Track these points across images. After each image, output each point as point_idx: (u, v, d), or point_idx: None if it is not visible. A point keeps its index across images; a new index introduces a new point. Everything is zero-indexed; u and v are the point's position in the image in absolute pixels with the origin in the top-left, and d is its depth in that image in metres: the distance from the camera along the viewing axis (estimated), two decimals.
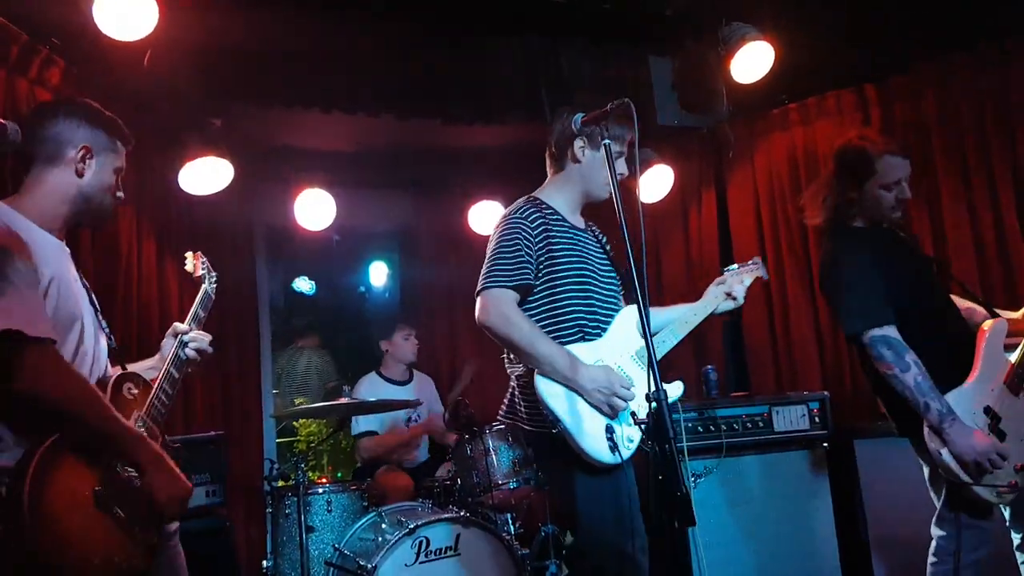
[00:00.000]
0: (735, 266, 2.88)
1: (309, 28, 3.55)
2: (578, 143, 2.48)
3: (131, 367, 2.07)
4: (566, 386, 2.26)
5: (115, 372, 1.98)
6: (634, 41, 3.99)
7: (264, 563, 3.49)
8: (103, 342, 2.00)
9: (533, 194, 2.53)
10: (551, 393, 2.26)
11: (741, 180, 4.60)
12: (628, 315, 2.51)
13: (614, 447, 2.25)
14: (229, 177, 3.95)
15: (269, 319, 5.02)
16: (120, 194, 2.06)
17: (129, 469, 1.79)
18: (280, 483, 3.70)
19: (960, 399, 2.44)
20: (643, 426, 3.33)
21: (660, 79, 3.94)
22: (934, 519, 2.59)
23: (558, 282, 2.40)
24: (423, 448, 4.62)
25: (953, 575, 2.46)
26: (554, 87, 3.93)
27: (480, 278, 2.37)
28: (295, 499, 3.40)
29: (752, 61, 3.83)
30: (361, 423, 4.41)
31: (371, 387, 4.53)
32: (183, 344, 2.12)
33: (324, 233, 4.77)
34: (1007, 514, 2.57)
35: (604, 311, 2.46)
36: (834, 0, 3.72)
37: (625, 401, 2.30)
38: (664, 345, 2.61)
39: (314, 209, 4.50)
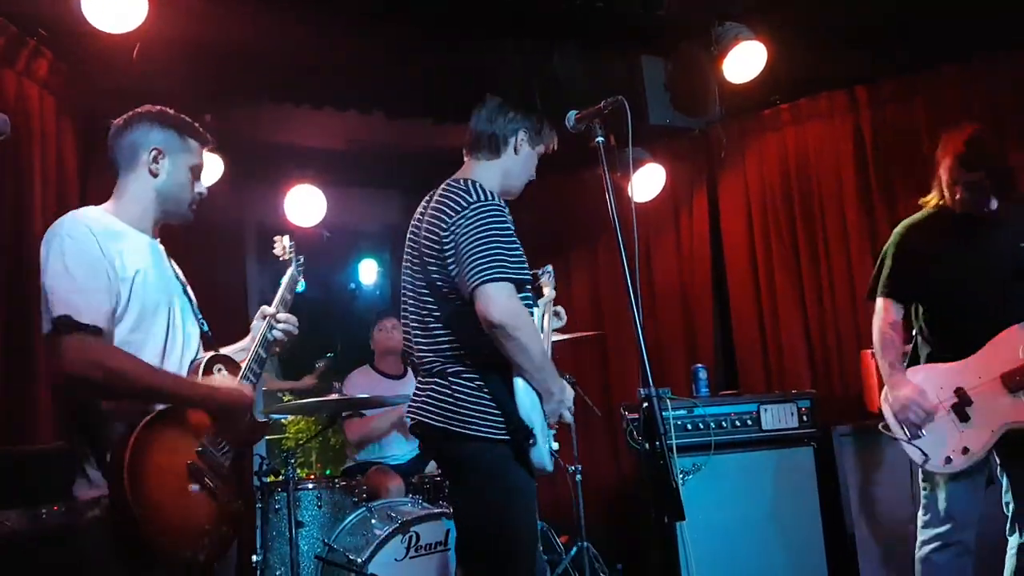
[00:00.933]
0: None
1: (300, 24, 3.54)
2: (521, 135, 2.39)
3: (223, 350, 2.18)
4: (539, 393, 2.19)
5: (206, 355, 2.11)
6: (627, 41, 4.00)
7: (253, 558, 3.48)
8: (195, 329, 2.12)
9: (478, 182, 2.28)
10: (529, 399, 2.18)
11: (732, 180, 4.63)
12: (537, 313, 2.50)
13: (553, 455, 2.26)
14: (219, 173, 3.94)
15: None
16: (200, 190, 2.13)
17: (220, 443, 1.94)
18: (270, 478, 3.69)
19: (935, 371, 2.63)
20: (635, 422, 3.37)
21: (652, 79, 3.95)
22: (919, 515, 2.70)
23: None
24: (412, 444, 4.61)
25: (920, 546, 2.63)
26: (546, 87, 3.94)
27: (474, 268, 2.11)
28: (285, 494, 3.40)
29: (745, 61, 3.85)
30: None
31: (363, 381, 4.50)
32: (271, 326, 2.22)
33: (314, 230, 4.76)
34: (1005, 490, 2.65)
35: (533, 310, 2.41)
36: (828, 2, 3.75)
37: (568, 418, 2.30)
38: None
39: (305, 205, 4.49)
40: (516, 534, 2.22)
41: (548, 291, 2.75)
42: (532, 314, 2.34)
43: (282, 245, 2.57)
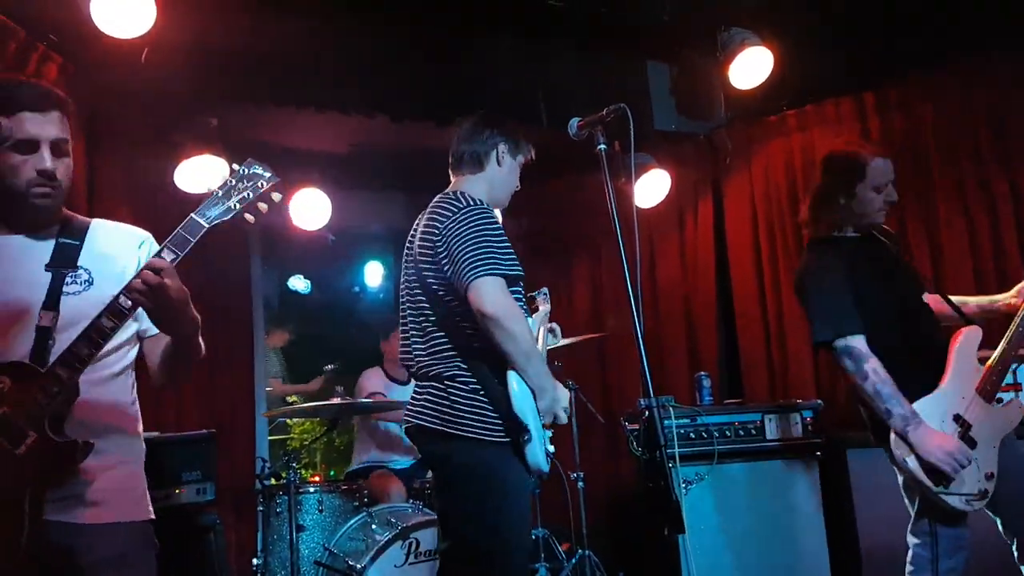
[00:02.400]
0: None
1: (304, 28, 3.56)
2: (502, 147, 2.47)
3: None
4: (533, 391, 2.22)
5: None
6: (632, 46, 4.00)
7: (254, 561, 3.49)
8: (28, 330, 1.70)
9: (464, 191, 2.36)
10: (525, 398, 2.20)
11: (738, 186, 4.60)
12: (532, 324, 2.50)
13: (548, 456, 2.27)
14: (224, 176, 3.94)
15: (263, 318, 5.01)
16: (43, 166, 1.70)
17: None
18: (272, 482, 3.69)
19: (930, 406, 2.45)
20: (636, 432, 3.35)
21: (657, 84, 3.95)
22: (909, 527, 2.59)
23: (513, 288, 2.32)
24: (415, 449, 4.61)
25: None
26: (550, 91, 3.94)
27: (467, 265, 2.17)
28: (286, 498, 3.40)
29: (751, 67, 3.83)
30: (371, 385, 4.41)
31: (375, 381, 4.52)
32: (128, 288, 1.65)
33: (319, 233, 4.76)
34: (999, 523, 2.55)
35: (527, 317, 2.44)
36: (834, 7, 3.73)
37: (564, 419, 2.29)
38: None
39: (309, 209, 4.49)
40: (508, 535, 2.23)
41: (544, 307, 2.77)
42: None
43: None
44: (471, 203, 2.28)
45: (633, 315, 1.99)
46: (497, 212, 2.49)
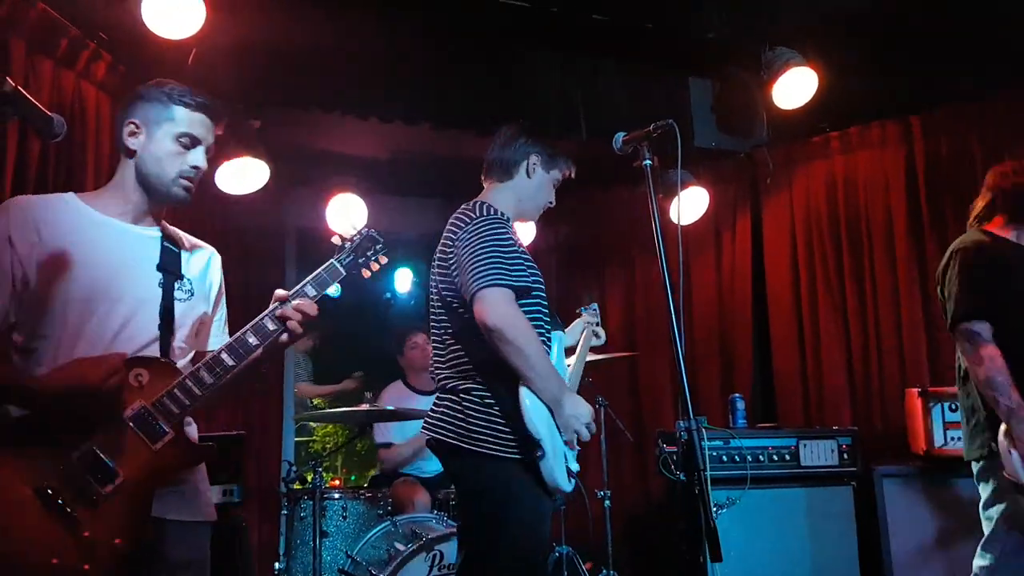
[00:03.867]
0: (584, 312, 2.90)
1: (351, 34, 3.58)
2: (533, 159, 2.43)
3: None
4: (548, 406, 2.17)
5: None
6: (675, 61, 3.96)
7: (276, 565, 3.47)
8: (150, 326, 1.77)
9: (487, 203, 2.34)
10: (538, 412, 2.15)
11: (777, 207, 4.54)
12: (557, 341, 2.45)
13: (570, 474, 2.22)
14: (264, 178, 3.97)
15: None
16: (195, 163, 1.81)
17: (99, 451, 1.59)
18: (296, 485, 3.68)
19: None
20: (672, 455, 3.30)
21: (699, 101, 3.91)
22: (979, 547, 2.55)
23: (531, 297, 2.29)
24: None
25: None
26: (592, 104, 3.91)
27: (472, 276, 2.15)
28: (311, 503, 3.38)
29: (795, 87, 3.78)
30: (383, 432, 4.39)
31: (395, 395, 4.50)
32: (273, 313, 1.78)
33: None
34: None
35: (549, 333, 2.38)
36: (881, 29, 3.67)
37: (591, 434, 2.22)
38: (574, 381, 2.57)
39: (346, 213, 4.51)
40: (516, 555, 2.18)
41: (586, 318, 2.75)
42: (548, 337, 2.34)
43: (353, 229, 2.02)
44: (485, 214, 2.27)
45: (673, 334, 1.94)
46: (530, 225, 2.47)
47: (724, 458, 3.48)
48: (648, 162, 2.16)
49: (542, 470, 2.15)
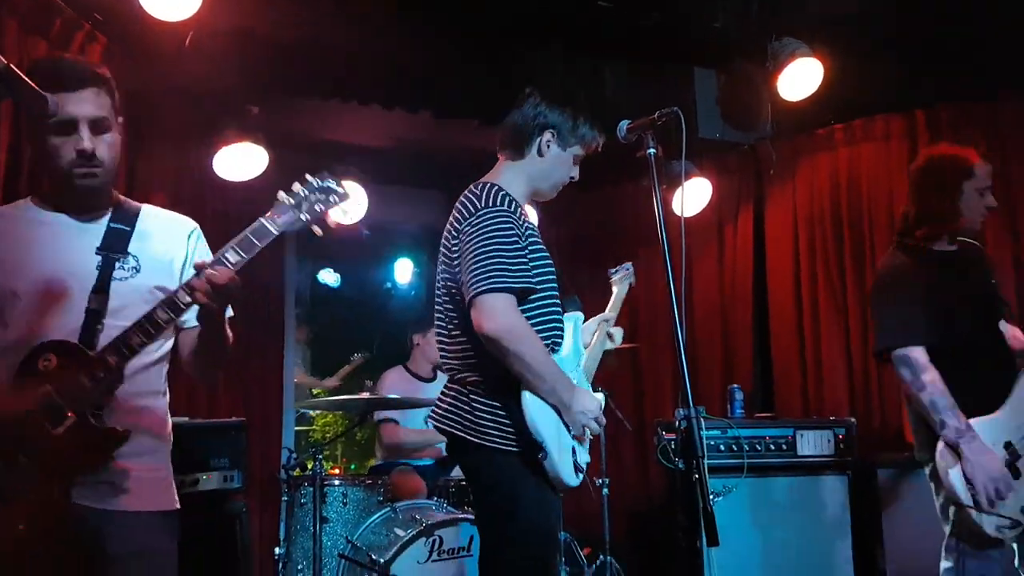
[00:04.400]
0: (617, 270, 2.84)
1: (352, 21, 3.55)
2: (546, 136, 2.26)
3: None
4: (553, 405, 2.13)
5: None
6: (680, 52, 3.95)
7: (276, 551, 3.49)
8: (78, 308, 1.70)
9: (495, 183, 2.24)
10: (540, 412, 2.12)
11: (780, 199, 4.54)
12: (573, 326, 2.37)
13: (578, 469, 2.18)
14: (263, 165, 3.96)
15: (295, 310, 5.04)
16: (82, 146, 1.67)
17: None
18: (297, 472, 3.70)
19: (981, 428, 2.43)
20: (671, 442, 3.29)
21: (704, 92, 3.90)
22: (943, 548, 2.57)
23: (542, 287, 2.21)
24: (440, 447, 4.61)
25: None
26: (595, 95, 3.90)
27: (472, 277, 2.07)
28: (312, 489, 3.40)
29: (800, 79, 3.77)
30: (384, 412, 4.41)
31: (396, 380, 4.51)
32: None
33: (353, 227, 4.77)
34: (1016, 556, 2.51)
35: (561, 319, 2.30)
36: (888, 23, 3.65)
37: (600, 427, 2.19)
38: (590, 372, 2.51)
39: (347, 202, 4.50)
40: (525, 549, 2.15)
41: (619, 288, 2.70)
42: (558, 328, 2.27)
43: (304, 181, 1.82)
44: (489, 204, 2.15)
45: (675, 324, 1.94)
46: (533, 216, 2.39)
47: (722, 447, 3.50)
48: (652, 150, 2.13)
49: (547, 469, 2.13)
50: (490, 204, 2.15)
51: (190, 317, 1.79)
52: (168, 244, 1.85)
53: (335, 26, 3.54)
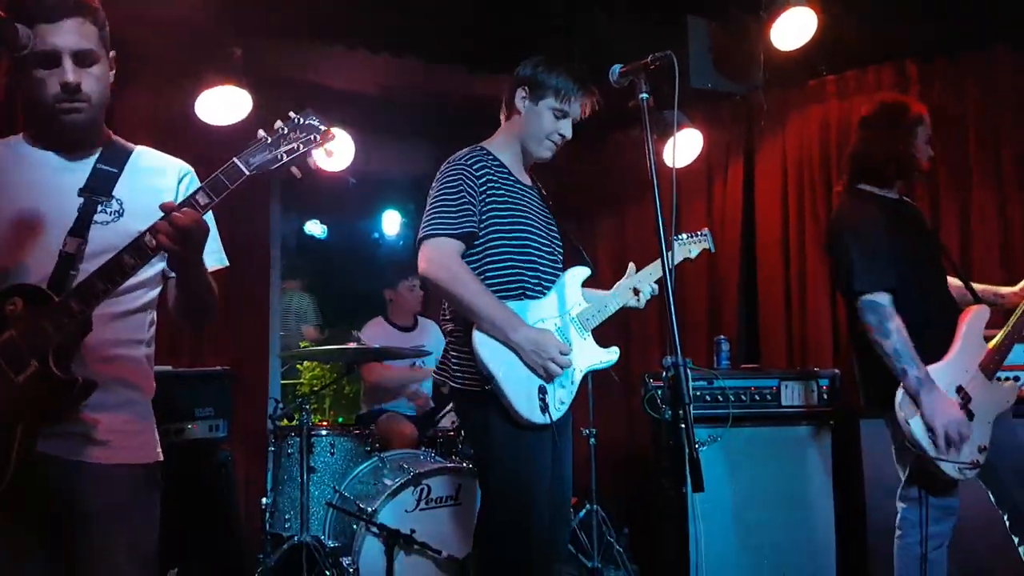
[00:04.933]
0: (684, 236, 2.83)
1: None
2: (520, 93, 2.38)
3: None
4: (504, 344, 2.21)
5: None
6: (674, 1, 3.87)
7: (263, 500, 3.52)
8: (52, 251, 1.64)
9: (481, 144, 2.42)
10: (488, 349, 2.20)
11: (771, 150, 4.50)
12: (572, 277, 2.46)
13: (544, 408, 2.21)
14: (247, 109, 3.86)
15: (280, 260, 4.99)
16: (59, 86, 1.60)
17: None
18: (284, 422, 3.71)
19: (936, 375, 2.51)
20: (659, 390, 3.32)
21: (697, 40, 3.82)
22: (898, 493, 2.66)
23: (498, 235, 2.32)
24: (427, 395, 4.63)
25: (920, 546, 2.54)
26: (585, 40, 3.82)
27: (421, 225, 2.28)
28: (298, 439, 3.41)
29: (794, 28, 3.70)
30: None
31: (377, 332, 4.51)
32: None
33: (340, 175, 4.70)
34: (991, 496, 2.61)
35: (546, 270, 2.40)
36: None
37: (561, 368, 2.25)
38: (593, 319, 2.50)
39: (333, 149, 4.42)
40: (503, 499, 2.23)
41: (694, 250, 2.76)
42: (531, 273, 2.33)
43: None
44: (453, 158, 2.33)
45: (665, 274, 1.93)
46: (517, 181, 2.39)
47: (708, 398, 3.53)
48: (645, 95, 2.09)
49: (502, 403, 2.18)
50: (451, 161, 2.32)
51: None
52: (157, 187, 1.77)
53: None
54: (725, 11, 3.88)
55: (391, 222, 6.74)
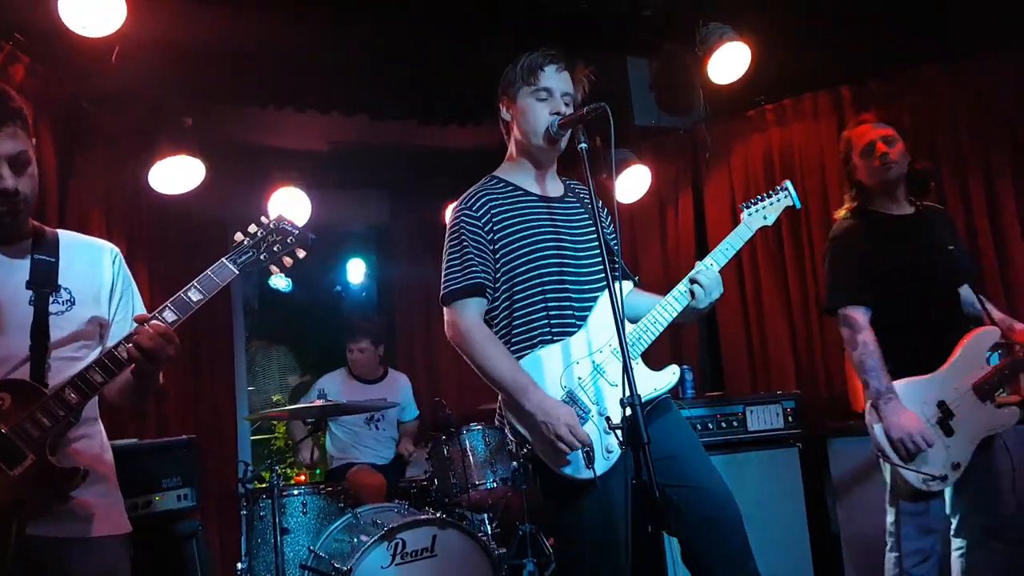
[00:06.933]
0: (757, 201, 2.45)
1: (282, 26, 3.50)
2: (503, 107, 2.35)
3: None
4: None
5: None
6: (612, 41, 3.99)
7: (238, 565, 3.46)
8: (20, 347, 1.68)
9: (491, 175, 2.36)
10: (516, 411, 2.11)
11: (718, 180, 4.62)
12: (608, 300, 2.15)
13: (589, 461, 2.02)
14: (201, 176, 3.89)
15: (243, 320, 4.97)
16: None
17: None
18: (255, 485, 3.66)
19: (917, 386, 2.57)
20: (618, 431, 3.31)
21: (637, 79, 3.95)
22: (886, 502, 2.69)
23: (518, 277, 2.19)
24: (391, 449, 4.62)
25: (896, 563, 2.58)
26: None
27: (441, 287, 2.23)
28: (270, 501, 3.37)
29: (729, 62, 3.84)
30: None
31: (334, 383, 4.50)
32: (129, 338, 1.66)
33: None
34: (954, 523, 2.65)
35: (579, 296, 2.21)
36: (812, 2, 3.74)
37: (569, 447, 2.02)
38: (643, 339, 2.37)
39: (289, 208, 4.45)
40: (566, 538, 2.23)
41: (746, 222, 2.44)
42: (552, 311, 2.19)
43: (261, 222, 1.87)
44: (455, 205, 2.29)
45: (615, 315, 1.94)
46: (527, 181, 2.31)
47: None
48: (584, 145, 2.11)
49: (545, 465, 2.07)
50: (454, 207, 2.28)
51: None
52: (94, 273, 1.84)
53: (263, 31, 3.48)
54: (661, 49, 4.01)
55: (356, 271, 6.75)
